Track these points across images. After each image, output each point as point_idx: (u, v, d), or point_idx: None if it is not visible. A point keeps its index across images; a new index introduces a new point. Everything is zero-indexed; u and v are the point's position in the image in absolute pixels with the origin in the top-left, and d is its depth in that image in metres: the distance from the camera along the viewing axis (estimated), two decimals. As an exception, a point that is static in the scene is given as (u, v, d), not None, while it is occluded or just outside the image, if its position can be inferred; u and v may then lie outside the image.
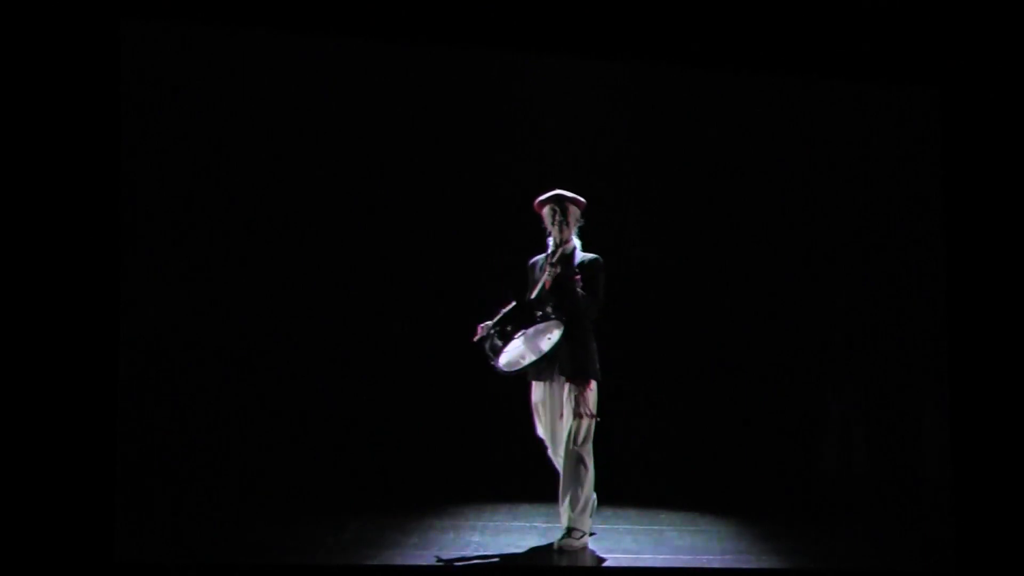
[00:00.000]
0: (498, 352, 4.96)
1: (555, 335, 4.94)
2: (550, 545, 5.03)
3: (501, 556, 4.87)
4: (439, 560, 4.76)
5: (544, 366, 5.00)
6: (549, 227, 5.16)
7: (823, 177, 6.56)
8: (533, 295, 5.06)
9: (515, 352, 5.00)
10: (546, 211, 5.16)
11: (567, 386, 5.03)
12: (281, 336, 6.06)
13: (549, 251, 5.14)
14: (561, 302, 5.02)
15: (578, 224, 5.19)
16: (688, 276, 6.66)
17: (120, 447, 4.67)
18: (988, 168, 5.38)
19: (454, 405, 6.32)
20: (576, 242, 5.17)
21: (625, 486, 6.18)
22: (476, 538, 5.13)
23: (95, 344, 4.46)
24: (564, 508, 5.02)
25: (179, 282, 5.80)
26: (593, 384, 5.05)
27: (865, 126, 6.34)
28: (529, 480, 6.20)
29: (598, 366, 5.10)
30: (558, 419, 5.10)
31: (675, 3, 5.23)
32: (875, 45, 5.39)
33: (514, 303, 5.05)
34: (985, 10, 5.38)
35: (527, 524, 5.46)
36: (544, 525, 5.47)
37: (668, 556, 4.98)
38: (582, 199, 5.20)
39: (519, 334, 5.03)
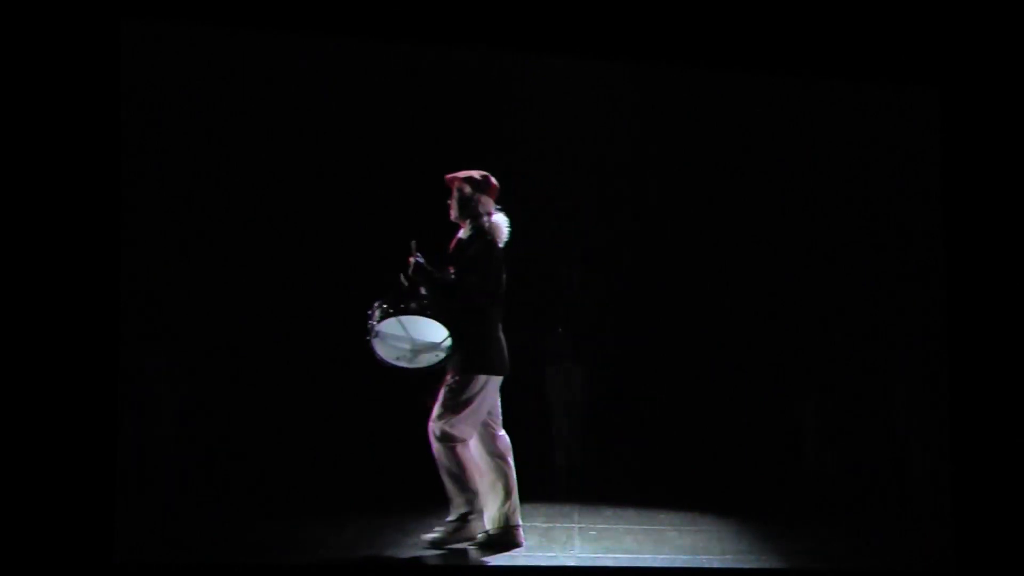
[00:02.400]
0: (373, 334, 4.76)
1: (446, 341, 4.77)
2: (547, 544, 5.04)
3: (501, 556, 4.87)
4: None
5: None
6: None
7: (823, 177, 6.57)
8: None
9: (405, 349, 4.82)
10: None
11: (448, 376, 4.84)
12: (281, 336, 6.08)
13: None
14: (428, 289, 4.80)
15: (473, 203, 4.90)
16: (689, 276, 6.67)
17: (120, 447, 4.67)
18: (988, 168, 5.38)
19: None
20: (493, 222, 4.89)
21: (625, 486, 6.20)
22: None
23: (95, 344, 4.45)
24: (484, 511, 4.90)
25: (179, 282, 5.82)
26: (479, 378, 4.79)
27: (865, 126, 6.35)
28: (529, 480, 6.22)
29: (491, 358, 4.83)
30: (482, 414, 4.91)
31: (675, 3, 5.22)
32: (875, 45, 5.38)
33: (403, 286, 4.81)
34: (985, 10, 5.38)
35: (527, 524, 5.44)
36: (544, 525, 5.48)
37: (668, 556, 4.97)
38: (468, 175, 4.92)
39: (408, 321, 4.78)
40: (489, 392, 4.88)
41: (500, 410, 5.02)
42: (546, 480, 6.38)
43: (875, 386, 6.46)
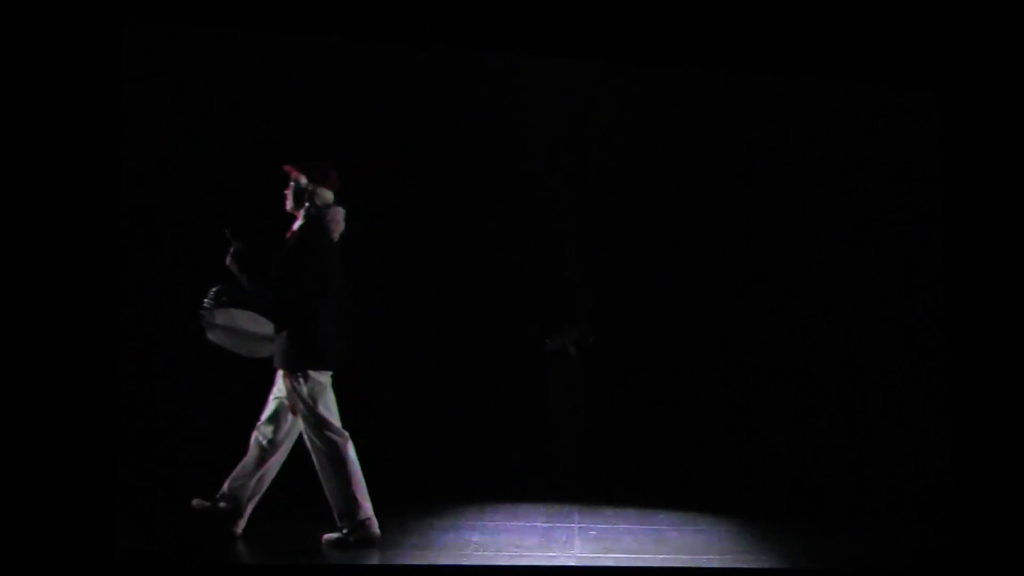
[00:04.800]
0: (211, 321, 4.77)
1: (269, 335, 4.78)
2: (547, 544, 5.03)
3: (501, 556, 4.87)
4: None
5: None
6: None
7: (823, 178, 6.57)
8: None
9: (237, 340, 4.84)
10: None
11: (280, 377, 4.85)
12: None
13: None
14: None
15: (308, 194, 4.91)
16: (688, 277, 6.67)
17: (120, 447, 4.67)
18: (988, 169, 5.38)
19: (454, 405, 6.33)
20: (327, 215, 4.89)
21: (625, 486, 6.20)
22: (476, 538, 5.13)
23: (95, 344, 4.45)
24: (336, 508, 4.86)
25: (179, 281, 5.81)
26: (311, 374, 4.80)
27: (865, 126, 6.35)
28: (529, 480, 6.22)
29: (313, 353, 4.80)
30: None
31: (675, 3, 5.22)
32: (875, 45, 5.39)
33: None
34: (985, 10, 5.38)
35: (527, 524, 5.46)
36: (544, 525, 5.48)
37: (668, 556, 4.97)
38: (304, 165, 4.94)
39: (239, 312, 4.78)
40: (318, 386, 4.83)
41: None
42: (546, 480, 6.37)
43: (875, 386, 6.45)
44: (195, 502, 4.89)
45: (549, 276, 6.70)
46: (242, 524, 4.91)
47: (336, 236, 4.94)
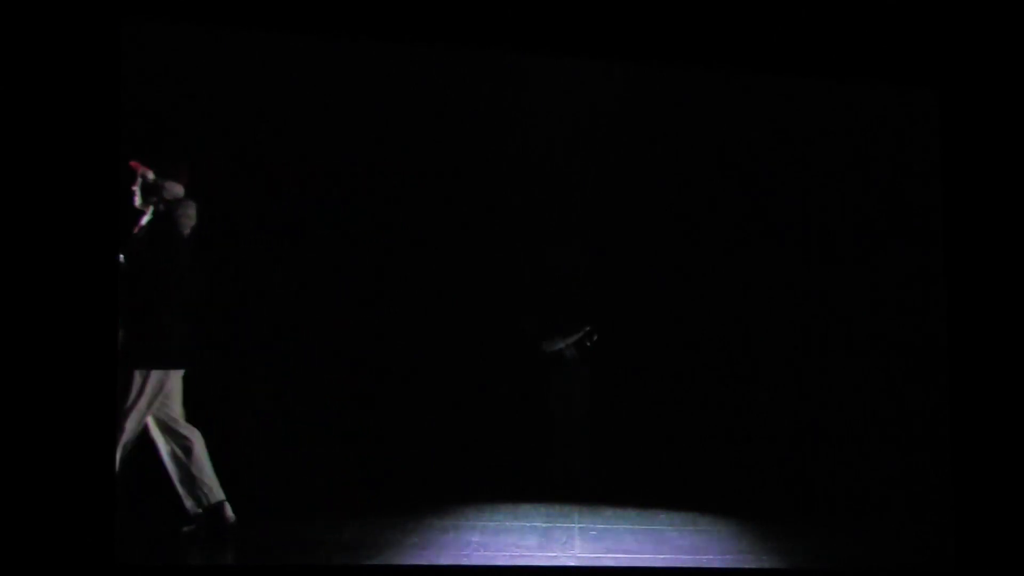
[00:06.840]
0: None
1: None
2: (547, 544, 5.04)
3: (501, 556, 4.87)
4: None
5: None
6: None
7: (823, 178, 6.57)
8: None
9: None
10: None
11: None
12: (280, 336, 6.07)
13: None
14: None
15: (156, 189, 4.90)
16: (688, 277, 6.67)
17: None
18: (988, 169, 5.38)
19: (455, 405, 6.33)
20: (176, 209, 4.88)
21: (625, 486, 6.20)
22: (476, 538, 5.13)
23: (95, 344, 4.45)
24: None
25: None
26: (140, 372, 4.75)
27: (865, 126, 6.35)
28: (529, 480, 6.23)
29: (156, 351, 4.78)
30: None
31: (674, 3, 5.22)
32: (875, 45, 5.38)
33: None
34: (985, 10, 5.37)
35: (527, 524, 5.46)
36: (544, 525, 5.48)
37: (668, 556, 4.98)
38: (153, 162, 4.93)
39: None
40: (156, 386, 4.80)
41: (180, 405, 4.93)
42: (546, 480, 6.38)
43: (875, 385, 6.45)
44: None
45: (549, 276, 6.71)
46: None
47: (187, 231, 4.91)
